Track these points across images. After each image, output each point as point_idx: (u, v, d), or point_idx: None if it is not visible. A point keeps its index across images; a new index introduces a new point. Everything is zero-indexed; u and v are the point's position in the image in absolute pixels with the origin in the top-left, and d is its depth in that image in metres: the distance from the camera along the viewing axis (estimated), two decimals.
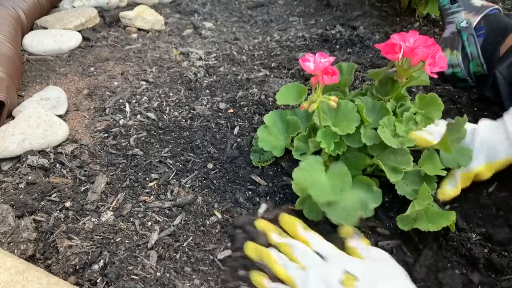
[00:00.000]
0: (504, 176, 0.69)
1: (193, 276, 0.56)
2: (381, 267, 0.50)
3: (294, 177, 0.57)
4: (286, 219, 0.58)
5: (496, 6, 0.87)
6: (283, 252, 0.53)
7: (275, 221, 0.59)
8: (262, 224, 0.58)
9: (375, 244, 0.58)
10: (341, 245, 0.55)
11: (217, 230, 0.62)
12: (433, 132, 0.67)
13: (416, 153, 0.62)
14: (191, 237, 0.61)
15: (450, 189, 0.63)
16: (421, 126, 0.61)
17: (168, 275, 0.56)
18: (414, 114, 0.61)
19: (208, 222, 0.63)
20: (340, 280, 0.46)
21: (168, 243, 0.60)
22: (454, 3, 0.90)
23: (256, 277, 0.52)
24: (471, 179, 0.64)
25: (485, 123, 0.67)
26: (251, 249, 0.55)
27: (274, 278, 0.52)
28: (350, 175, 0.56)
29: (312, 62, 0.55)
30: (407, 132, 0.60)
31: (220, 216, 0.64)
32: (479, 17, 0.85)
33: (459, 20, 0.86)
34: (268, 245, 0.55)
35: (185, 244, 0.60)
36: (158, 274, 0.56)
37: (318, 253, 0.52)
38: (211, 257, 0.58)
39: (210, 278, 0.56)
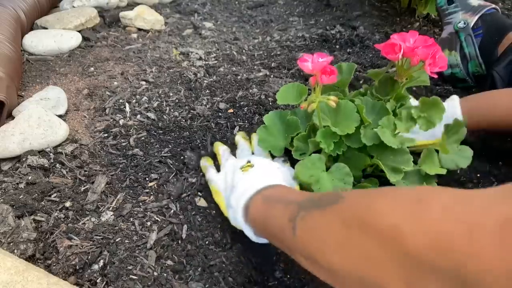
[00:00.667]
0: (504, 176, 0.69)
1: (191, 276, 0.56)
2: (274, 162, 0.62)
3: (296, 171, 0.57)
4: (253, 134, 0.75)
5: (493, 6, 0.87)
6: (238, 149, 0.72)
7: None
8: (239, 133, 0.76)
9: None
10: None
11: (218, 229, 0.62)
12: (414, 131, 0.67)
13: (416, 153, 0.62)
14: (190, 237, 0.61)
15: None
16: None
17: (165, 275, 0.56)
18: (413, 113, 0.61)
19: (207, 221, 0.63)
20: (241, 166, 0.61)
21: (166, 243, 0.60)
22: (451, 3, 0.90)
23: (202, 159, 0.72)
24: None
25: None
26: (215, 145, 0.74)
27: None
28: (352, 175, 0.56)
29: (310, 62, 0.55)
30: (407, 130, 0.60)
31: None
32: (476, 17, 0.85)
33: (456, 20, 0.87)
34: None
35: (183, 244, 0.60)
36: (156, 274, 0.56)
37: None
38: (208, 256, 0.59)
39: (207, 277, 0.56)
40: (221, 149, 0.72)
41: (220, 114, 0.86)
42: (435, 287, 0.26)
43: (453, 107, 0.68)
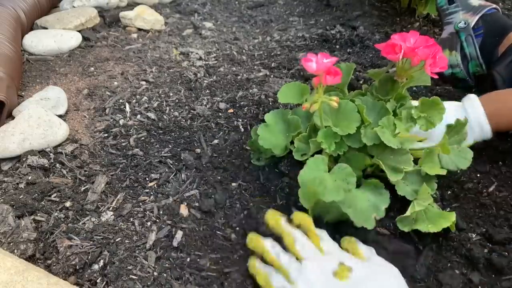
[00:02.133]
0: (504, 176, 0.69)
1: (190, 277, 0.56)
2: (376, 264, 0.51)
3: (301, 180, 0.55)
4: (300, 215, 0.56)
5: (494, 6, 0.87)
6: (286, 243, 0.52)
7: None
8: (271, 213, 0.57)
9: None
10: None
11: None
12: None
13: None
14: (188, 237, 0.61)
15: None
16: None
17: (165, 275, 0.56)
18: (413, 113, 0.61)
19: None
20: (334, 271, 0.47)
21: (165, 244, 0.60)
22: (451, 3, 0.90)
23: (252, 260, 0.54)
24: None
25: (448, 106, 0.65)
26: (251, 239, 0.56)
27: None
28: (355, 175, 0.56)
29: (315, 62, 0.55)
30: (407, 130, 0.60)
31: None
32: (477, 17, 0.85)
33: (457, 20, 0.86)
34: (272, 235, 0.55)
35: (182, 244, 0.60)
36: (155, 274, 0.56)
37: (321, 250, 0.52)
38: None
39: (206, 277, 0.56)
40: (267, 244, 0.53)
41: (220, 114, 0.86)
42: None
43: (473, 107, 0.66)
